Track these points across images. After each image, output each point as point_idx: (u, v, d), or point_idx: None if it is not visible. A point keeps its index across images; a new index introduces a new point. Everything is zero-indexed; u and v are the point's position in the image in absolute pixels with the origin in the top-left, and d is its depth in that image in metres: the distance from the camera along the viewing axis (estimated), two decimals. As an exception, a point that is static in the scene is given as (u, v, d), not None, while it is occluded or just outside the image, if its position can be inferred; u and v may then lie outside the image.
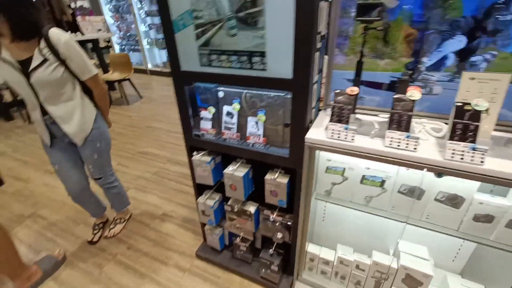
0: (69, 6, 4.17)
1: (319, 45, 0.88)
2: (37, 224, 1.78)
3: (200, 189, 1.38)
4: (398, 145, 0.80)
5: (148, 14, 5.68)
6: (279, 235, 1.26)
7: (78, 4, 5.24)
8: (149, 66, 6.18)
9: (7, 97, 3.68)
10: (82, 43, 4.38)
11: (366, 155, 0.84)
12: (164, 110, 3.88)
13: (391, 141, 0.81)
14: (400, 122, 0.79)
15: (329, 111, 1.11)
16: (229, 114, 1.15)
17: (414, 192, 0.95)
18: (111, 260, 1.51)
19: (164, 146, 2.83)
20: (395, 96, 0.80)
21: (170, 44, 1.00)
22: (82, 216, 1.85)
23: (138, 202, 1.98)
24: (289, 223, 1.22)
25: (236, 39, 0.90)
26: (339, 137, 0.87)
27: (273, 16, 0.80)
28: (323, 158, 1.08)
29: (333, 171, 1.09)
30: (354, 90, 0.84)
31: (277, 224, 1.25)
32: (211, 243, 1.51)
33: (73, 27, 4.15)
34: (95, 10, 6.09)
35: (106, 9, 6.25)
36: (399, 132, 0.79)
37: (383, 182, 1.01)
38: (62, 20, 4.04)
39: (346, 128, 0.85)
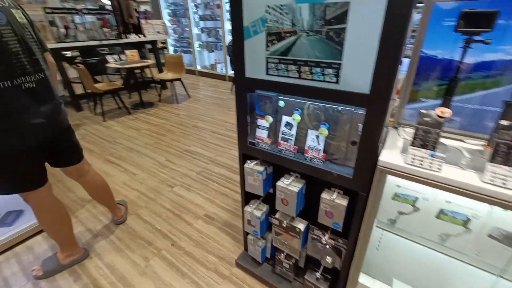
0: (136, 10, 4.59)
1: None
2: (95, 209, 1.95)
3: (247, 197, 1.35)
4: (504, 183, 0.66)
5: (201, 18, 5.97)
6: (329, 259, 1.17)
7: (143, 8, 5.75)
8: (198, 67, 6.50)
9: (78, 90, 4.18)
10: (142, 44, 4.80)
11: (456, 189, 0.71)
12: (209, 111, 4.02)
13: (493, 176, 0.67)
14: (508, 155, 0.65)
15: (402, 130, 0.99)
16: (288, 124, 1.10)
17: (512, 239, 0.78)
18: (156, 255, 1.57)
19: (208, 146, 2.91)
20: (503, 123, 0.66)
21: (238, 50, 0.99)
22: (134, 207, 1.97)
23: (183, 200, 2.05)
24: (341, 248, 1.12)
25: (309, 49, 0.84)
26: (421, 164, 0.75)
27: (355, 28, 0.73)
28: (391, 182, 0.96)
29: (403, 199, 0.97)
30: (446, 111, 0.72)
31: (327, 247, 1.16)
32: (252, 254, 1.47)
33: (137, 29, 4.56)
34: (156, 14, 6.64)
35: (165, 13, 6.75)
36: (507, 168, 0.65)
37: (467, 220, 0.86)
38: (129, 23, 4.46)
39: (432, 155, 0.73)
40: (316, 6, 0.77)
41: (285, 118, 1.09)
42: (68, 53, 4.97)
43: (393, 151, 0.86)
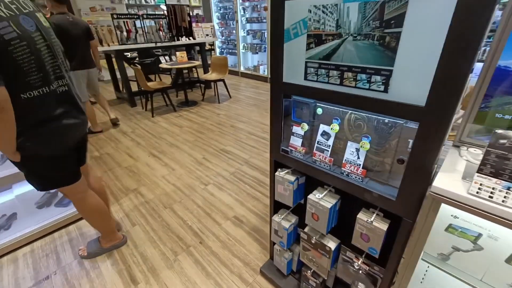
0: (189, 14, 4.88)
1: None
2: (136, 199, 2.11)
3: (276, 205, 1.30)
4: None
5: (248, 20, 6.08)
6: (361, 286, 1.05)
7: (195, 12, 6.11)
8: (242, 68, 6.63)
9: (133, 87, 4.62)
10: (192, 46, 5.08)
11: (540, 234, 0.55)
12: (248, 112, 4.06)
13: None
14: None
15: (465, 151, 0.83)
16: (324, 134, 1.01)
17: None
18: (184, 250, 1.62)
19: (243, 147, 2.92)
20: None
21: (276, 54, 0.95)
22: (170, 201, 2.08)
23: (215, 199, 2.09)
24: (377, 276, 0.99)
25: (354, 53, 0.76)
26: (491, 197, 0.61)
27: (414, 30, 0.63)
28: (447, 211, 0.81)
29: (460, 232, 0.81)
30: (533, 134, 0.57)
31: (360, 273, 1.04)
32: (277, 264, 1.42)
33: (188, 32, 4.84)
34: (207, 17, 6.99)
35: (214, 16, 7.06)
36: None
37: (551, 272, 0.67)
38: (181, 26, 4.76)
39: (509, 188, 0.58)
40: (367, 6, 0.68)
41: (322, 127, 1.01)
42: (128, 54, 5.55)
43: (452, 176, 0.72)
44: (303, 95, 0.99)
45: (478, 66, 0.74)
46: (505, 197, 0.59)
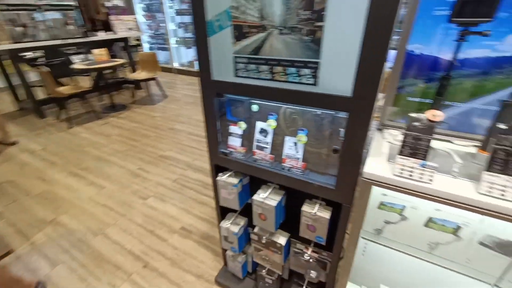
0: (103, 5, 4.26)
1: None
2: (56, 232, 1.73)
3: (223, 211, 1.22)
4: (503, 194, 0.58)
5: (178, 13, 5.70)
6: (313, 273, 1.08)
7: (114, 3, 5.37)
8: (176, 64, 6.22)
9: (40, 94, 3.82)
10: (112, 42, 4.47)
11: (450, 202, 0.63)
12: (187, 111, 3.83)
13: (490, 187, 0.59)
14: (507, 162, 0.57)
15: (387, 133, 0.91)
16: (263, 131, 0.98)
17: (507, 248, 0.72)
18: (126, 280, 1.41)
19: (185, 150, 2.74)
20: (502, 127, 0.58)
21: (201, 49, 0.86)
22: (101, 226, 1.78)
23: (157, 213, 1.88)
24: (326, 261, 1.03)
25: (282, 46, 0.73)
26: (411, 175, 0.66)
27: (335, 22, 0.63)
28: (377, 191, 0.88)
29: (389, 208, 0.89)
30: (438, 115, 0.64)
31: (311, 261, 1.06)
32: (232, 270, 1.36)
33: (106, 26, 4.24)
34: (129, 9, 6.24)
35: (139, 8, 6.37)
36: (505, 177, 0.57)
37: (457, 228, 0.80)
38: (96, 19, 4.13)
39: (424, 165, 0.64)
40: (287, -5, 0.65)
41: (259, 124, 0.98)
42: (30, 54, 4.54)
43: (379, 159, 0.77)
44: (235, 92, 0.93)
45: (391, 55, 0.81)
46: (421, 174, 0.65)
